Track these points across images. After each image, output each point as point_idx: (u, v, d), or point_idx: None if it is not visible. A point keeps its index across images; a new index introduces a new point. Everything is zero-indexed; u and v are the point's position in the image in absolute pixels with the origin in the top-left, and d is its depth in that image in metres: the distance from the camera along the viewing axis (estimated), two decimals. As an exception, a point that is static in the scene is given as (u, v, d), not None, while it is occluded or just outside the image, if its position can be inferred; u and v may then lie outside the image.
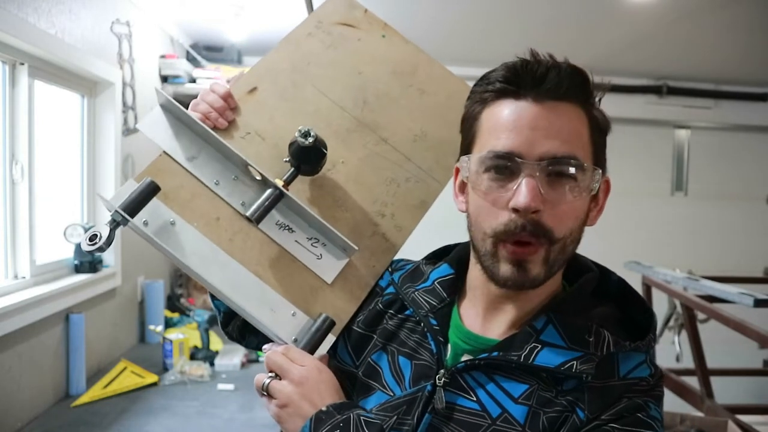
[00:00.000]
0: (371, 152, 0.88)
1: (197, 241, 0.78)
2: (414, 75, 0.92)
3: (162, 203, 0.77)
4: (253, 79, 0.87)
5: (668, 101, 3.86)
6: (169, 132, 0.80)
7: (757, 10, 2.50)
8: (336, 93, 0.89)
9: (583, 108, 0.68)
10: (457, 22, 2.80)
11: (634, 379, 0.66)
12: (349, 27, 0.92)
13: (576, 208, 0.67)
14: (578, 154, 0.66)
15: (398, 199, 0.87)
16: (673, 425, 1.96)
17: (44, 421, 1.76)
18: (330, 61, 0.90)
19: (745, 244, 3.94)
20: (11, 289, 1.75)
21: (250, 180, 0.81)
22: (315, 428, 0.67)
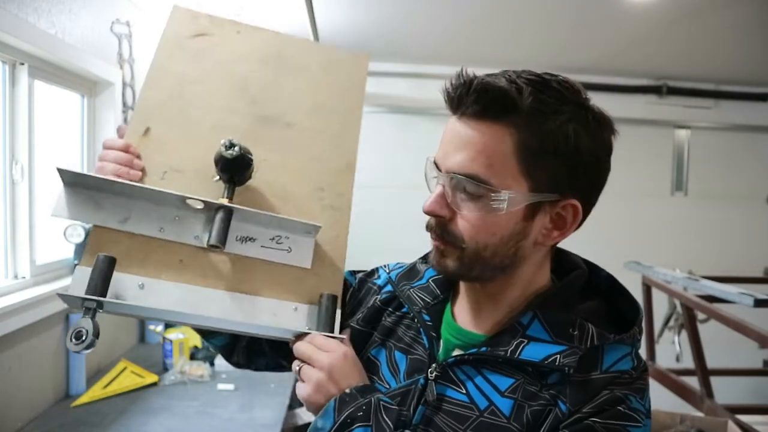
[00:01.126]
0: (284, 140, 0.89)
1: (174, 291, 0.77)
2: (281, 57, 0.94)
3: (121, 273, 0.75)
4: (141, 121, 0.84)
5: (668, 101, 3.86)
6: (89, 205, 0.77)
7: (757, 10, 2.49)
8: (223, 101, 0.89)
9: (505, 127, 0.66)
10: (457, 22, 2.80)
11: (616, 372, 0.68)
12: (202, 36, 0.92)
13: (490, 225, 0.68)
14: (480, 173, 0.66)
15: (326, 171, 0.90)
16: (673, 425, 1.96)
17: (44, 421, 1.76)
18: (202, 75, 0.89)
19: (745, 244, 3.94)
20: (11, 289, 1.75)
21: (191, 213, 0.80)
22: (339, 409, 0.70)
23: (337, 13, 2.69)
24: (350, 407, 0.70)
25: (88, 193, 0.77)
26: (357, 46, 3.29)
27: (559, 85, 0.67)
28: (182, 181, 0.82)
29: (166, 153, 0.83)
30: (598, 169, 0.70)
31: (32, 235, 1.86)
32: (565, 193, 0.68)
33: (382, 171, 3.69)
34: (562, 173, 0.67)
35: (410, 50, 3.39)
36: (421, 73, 3.64)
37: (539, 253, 0.74)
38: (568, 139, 0.66)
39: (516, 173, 0.67)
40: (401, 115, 3.68)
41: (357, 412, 0.69)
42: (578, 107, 0.67)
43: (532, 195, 0.67)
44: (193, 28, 0.92)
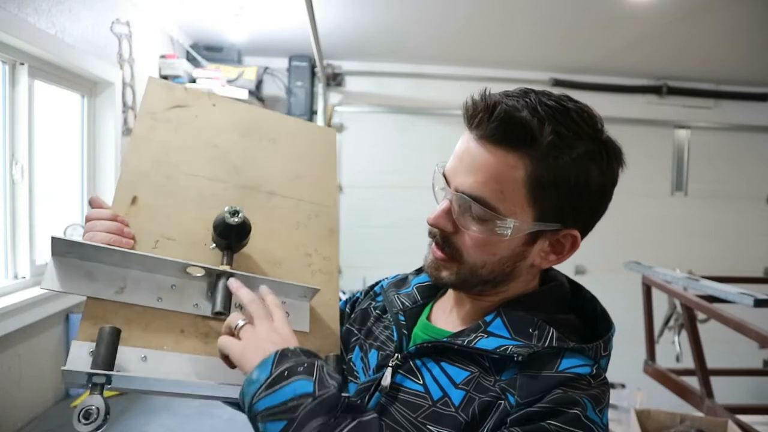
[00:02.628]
0: (269, 208, 0.91)
1: (178, 361, 0.75)
2: (258, 129, 0.96)
3: (122, 346, 0.71)
4: (128, 190, 0.83)
5: (668, 101, 3.86)
6: (81, 275, 0.74)
7: (757, 10, 2.50)
8: (207, 170, 0.89)
9: (520, 158, 0.66)
10: (457, 23, 2.80)
11: (572, 374, 0.66)
12: (181, 108, 0.92)
13: (489, 244, 0.70)
14: (488, 198, 0.67)
15: (311, 236, 0.93)
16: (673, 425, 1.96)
17: (44, 421, 1.76)
18: (184, 145, 0.90)
19: (745, 244, 3.94)
20: (11, 289, 1.75)
21: (189, 281, 0.79)
22: (278, 362, 0.65)
23: (337, 13, 2.69)
24: (290, 361, 0.65)
25: (79, 263, 0.74)
26: (357, 46, 3.29)
27: (578, 115, 0.67)
28: (175, 249, 0.81)
29: (156, 221, 0.82)
30: (603, 201, 0.71)
31: (32, 235, 1.86)
32: (567, 223, 0.70)
33: (382, 171, 3.69)
34: (568, 206, 0.69)
35: (410, 50, 3.39)
36: (421, 73, 3.65)
37: (532, 273, 0.76)
38: (580, 174, 0.67)
39: (523, 202, 0.68)
40: (401, 115, 3.68)
41: (298, 366, 0.65)
42: (593, 141, 0.68)
43: (535, 224, 0.69)
44: (170, 99, 0.92)
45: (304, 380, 0.63)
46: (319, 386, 0.63)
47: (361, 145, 3.66)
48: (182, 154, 0.89)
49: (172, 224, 0.83)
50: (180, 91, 0.94)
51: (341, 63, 3.63)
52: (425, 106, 3.64)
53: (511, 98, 0.67)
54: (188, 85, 0.93)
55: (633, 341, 2.71)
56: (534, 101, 0.66)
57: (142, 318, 0.76)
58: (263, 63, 3.50)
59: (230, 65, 3.18)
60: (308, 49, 2.99)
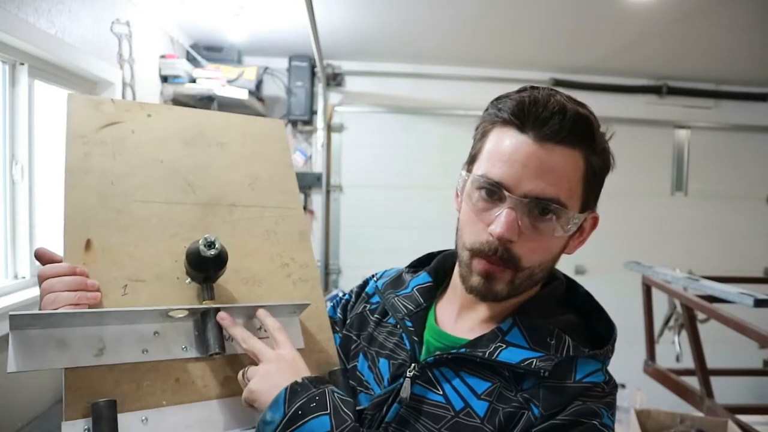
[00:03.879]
0: (233, 222, 0.85)
1: (181, 414, 0.71)
2: (203, 134, 0.89)
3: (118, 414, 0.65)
4: (78, 234, 0.74)
5: (668, 101, 3.86)
6: (51, 345, 0.65)
7: (757, 10, 2.49)
8: (159, 193, 0.81)
9: (582, 154, 0.70)
10: (458, 23, 2.80)
11: (589, 384, 0.69)
12: (114, 125, 0.82)
13: (550, 244, 0.72)
14: (562, 198, 0.69)
15: (283, 244, 0.88)
16: (673, 425, 1.96)
17: (44, 421, 1.76)
18: (127, 168, 0.80)
19: (745, 244, 3.94)
20: (11, 289, 1.75)
21: (172, 325, 0.73)
22: (290, 399, 0.66)
23: (337, 13, 2.69)
24: (302, 398, 0.66)
25: (46, 333, 0.65)
26: (357, 46, 3.29)
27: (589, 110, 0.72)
28: (147, 291, 0.74)
29: (118, 264, 0.74)
30: None
31: (32, 235, 1.86)
32: (593, 208, 0.75)
33: (382, 171, 3.69)
34: (599, 191, 0.75)
35: (410, 50, 3.39)
36: (422, 73, 3.64)
37: None
38: (608, 159, 0.74)
39: (579, 195, 0.71)
40: (401, 115, 3.67)
41: (310, 402, 0.65)
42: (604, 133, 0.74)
43: (584, 214, 0.73)
44: (99, 117, 0.82)
45: (320, 417, 0.64)
46: (336, 420, 0.64)
47: (361, 145, 3.66)
48: (128, 179, 0.80)
49: (136, 263, 0.75)
50: (108, 106, 0.84)
51: (341, 63, 3.63)
52: (425, 106, 3.64)
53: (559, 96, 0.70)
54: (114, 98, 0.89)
55: (633, 341, 2.71)
56: (566, 98, 0.70)
57: (131, 377, 0.69)
58: (263, 63, 3.50)
59: (230, 65, 3.18)
60: (308, 49, 2.99)
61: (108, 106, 0.84)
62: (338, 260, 3.70)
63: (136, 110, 0.86)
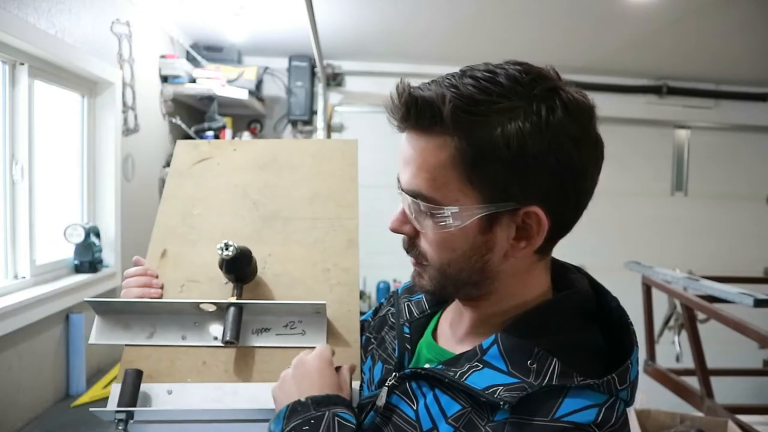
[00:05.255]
0: (287, 233, 0.96)
1: (200, 391, 0.83)
2: (276, 160, 1.03)
3: (151, 384, 0.82)
4: (158, 246, 0.95)
5: (668, 101, 3.86)
6: (119, 327, 0.86)
7: (757, 10, 2.50)
8: (228, 211, 0.98)
9: (442, 138, 0.59)
10: (457, 23, 2.80)
11: (566, 424, 0.55)
12: (205, 161, 1.02)
13: (443, 239, 0.63)
14: (423, 190, 0.62)
15: (330, 251, 0.95)
16: (673, 425, 1.96)
17: (44, 421, 1.76)
18: (207, 193, 0.99)
19: (745, 244, 3.94)
20: (11, 289, 1.75)
21: (208, 317, 0.86)
22: (288, 417, 0.67)
23: (337, 13, 2.69)
24: (298, 418, 0.66)
25: (117, 317, 0.86)
26: (357, 46, 3.29)
27: (508, 78, 0.59)
28: (198, 289, 0.91)
29: (182, 268, 0.93)
30: (562, 169, 0.59)
31: (32, 235, 1.86)
32: (520, 200, 0.60)
33: (382, 171, 3.68)
34: (512, 179, 0.59)
35: (410, 50, 3.39)
36: (421, 73, 3.64)
37: (517, 266, 0.65)
38: (509, 141, 0.57)
39: (461, 185, 0.60)
40: (401, 115, 3.67)
41: (303, 425, 0.65)
42: (528, 100, 0.58)
43: (481, 207, 0.60)
44: (196, 154, 1.03)
45: None
46: None
47: (361, 145, 3.63)
48: (206, 202, 0.99)
49: (196, 268, 0.93)
50: (204, 146, 1.05)
51: (341, 63, 3.63)
52: (425, 106, 3.64)
53: (432, 83, 0.62)
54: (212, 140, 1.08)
55: (633, 341, 2.71)
56: (449, 78, 0.61)
57: (169, 356, 0.85)
58: (263, 63, 3.50)
59: (230, 65, 3.18)
60: (308, 49, 2.99)
61: (204, 146, 1.05)
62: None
63: (225, 147, 1.05)
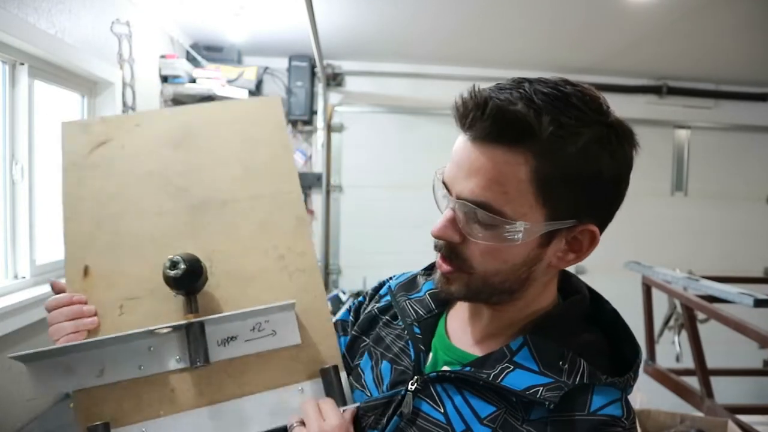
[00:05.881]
0: (225, 221, 0.83)
1: (179, 422, 0.74)
2: (191, 133, 0.86)
3: (120, 428, 0.73)
4: (77, 262, 0.78)
5: (668, 101, 3.86)
6: (59, 373, 0.73)
7: (757, 10, 2.49)
8: (150, 205, 0.81)
9: (522, 154, 0.60)
10: (457, 23, 2.80)
11: (605, 417, 0.62)
12: (103, 145, 0.83)
13: (500, 251, 0.64)
14: (493, 203, 0.61)
15: (278, 234, 0.84)
16: (673, 425, 1.96)
17: (44, 421, 1.76)
18: (118, 187, 0.82)
19: (745, 244, 3.94)
20: (11, 289, 1.75)
21: (163, 339, 0.76)
22: None
23: (337, 13, 2.69)
24: None
25: (54, 362, 0.73)
26: (357, 46, 3.29)
27: (579, 100, 0.62)
28: (142, 307, 0.77)
29: (114, 286, 0.78)
30: (618, 189, 0.65)
31: (32, 235, 1.86)
32: (583, 218, 0.64)
33: (382, 171, 3.69)
34: (582, 200, 0.63)
35: (410, 50, 3.39)
36: (421, 73, 3.65)
37: (549, 274, 0.70)
38: (590, 164, 0.61)
39: (533, 202, 0.61)
40: (401, 115, 3.68)
41: None
42: (600, 126, 0.62)
43: (548, 224, 0.63)
44: (90, 139, 0.83)
45: None
46: None
47: (361, 145, 3.66)
48: (120, 199, 0.81)
49: (131, 282, 0.78)
50: (98, 126, 0.84)
51: (341, 63, 3.63)
52: (425, 106, 3.64)
53: (503, 91, 0.61)
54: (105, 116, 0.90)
55: (633, 341, 2.71)
56: (528, 91, 0.61)
57: (130, 392, 0.74)
58: (263, 63, 3.50)
59: (230, 65, 3.18)
60: (308, 49, 2.99)
61: (97, 126, 0.84)
62: (338, 260, 3.70)
63: (125, 123, 0.85)
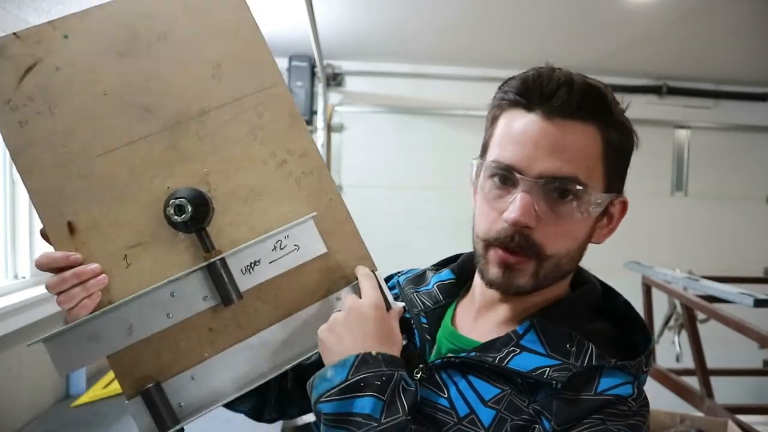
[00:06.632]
0: (211, 135, 0.72)
1: (226, 360, 0.71)
2: (137, 34, 0.72)
3: (168, 381, 0.69)
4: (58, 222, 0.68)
5: (668, 101, 3.86)
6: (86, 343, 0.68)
7: (757, 10, 2.49)
8: (118, 135, 0.70)
9: (597, 128, 0.65)
10: (457, 22, 2.79)
11: (612, 397, 0.61)
12: (32, 69, 0.68)
13: (573, 229, 0.66)
14: (580, 177, 0.64)
15: (275, 137, 0.74)
16: (673, 425, 1.96)
17: (44, 421, 1.76)
18: (72, 120, 0.69)
19: (745, 244, 3.94)
20: (11, 289, 1.75)
21: (185, 281, 0.70)
22: (357, 367, 0.61)
23: (337, 13, 2.69)
24: (369, 371, 0.61)
25: (76, 333, 0.68)
26: (357, 46, 3.29)
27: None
28: (149, 253, 0.70)
29: (109, 237, 0.69)
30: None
31: (32, 235, 1.86)
32: (620, 190, 0.70)
33: (382, 171, 3.69)
34: (622, 170, 0.70)
35: (410, 50, 3.38)
36: (421, 73, 3.64)
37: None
38: (630, 134, 0.70)
39: (601, 173, 0.66)
40: (401, 115, 3.67)
41: (375, 379, 0.60)
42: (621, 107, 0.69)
43: (608, 195, 0.67)
44: (11, 67, 0.68)
45: (374, 399, 0.60)
46: (387, 412, 0.59)
47: (361, 145, 3.66)
48: (78, 133, 0.69)
49: (126, 228, 0.69)
50: (16, 48, 0.68)
51: (341, 63, 3.63)
52: (425, 106, 3.64)
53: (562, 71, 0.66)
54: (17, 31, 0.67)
55: (633, 341, 2.71)
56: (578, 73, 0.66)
57: (167, 343, 0.70)
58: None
59: (230, 65, 3.17)
60: (308, 49, 2.99)
61: (15, 47, 0.68)
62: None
63: (51, 37, 0.70)
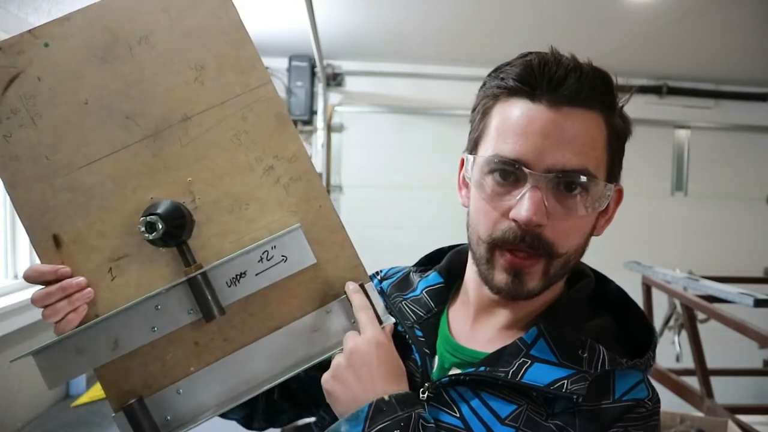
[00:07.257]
0: (194, 141, 0.70)
1: (213, 374, 0.70)
2: (117, 38, 0.70)
3: (154, 395, 0.69)
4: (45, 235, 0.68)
5: (668, 101, 3.86)
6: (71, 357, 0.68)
7: (757, 10, 2.49)
8: (101, 144, 0.68)
9: (603, 116, 0.62)
10: (458, 23, 2.79)
11: (630, 402, 0.60)
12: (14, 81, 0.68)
13: (583, 223, 0.63)
14: (590, 167, 0.60)
15: (261, 141, 0.71)
16: (673, 425, 1.96)
17: (44, 421, 1.76)
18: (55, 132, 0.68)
19: (745, 244, 3.94)
20: (11, 289, 1.75)
21: (169, 294, 0.69)
22: (372, 418, 0.58)
23: (337, 13, 2.69)
24: (386, 419, 0.58)
25: (62, 347, 0.67)
26: (357, 46, 3.29)
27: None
28: (134, 265, 0.69)
29: (94, 249, 0.68)
30: None
31: (32, 235, 1.86)
32: (618, 179, 0.67)
33: (382, 171, 3.69)
34: (620, 158, 0.67)
35: (410, 50, 3.38)
36: (421, 73, 3.64)
37: None
38: (628, 122, 0.67)
39: (605, 164, 0.63)
40: (401, 115, 3.67)
41: (393, 427, 0.57)
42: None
43: (611, 186, 0.64)
44: None
45: None
46: None
47: (361, 145, 3.66)
48: (62, 145, 0.68)
49: (111, 240, 0.69)
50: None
51: (341, 63, 3.63)
52: (425, 106, 3.64)
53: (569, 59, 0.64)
54: None
55: (633, 341, 2.71)
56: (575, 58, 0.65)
57: (153, 356, 0.69)
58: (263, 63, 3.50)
59: (230, 65, 3.17)
60: (308, 49, 2.99)
61: None
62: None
63: (30, 45, 0.69)
